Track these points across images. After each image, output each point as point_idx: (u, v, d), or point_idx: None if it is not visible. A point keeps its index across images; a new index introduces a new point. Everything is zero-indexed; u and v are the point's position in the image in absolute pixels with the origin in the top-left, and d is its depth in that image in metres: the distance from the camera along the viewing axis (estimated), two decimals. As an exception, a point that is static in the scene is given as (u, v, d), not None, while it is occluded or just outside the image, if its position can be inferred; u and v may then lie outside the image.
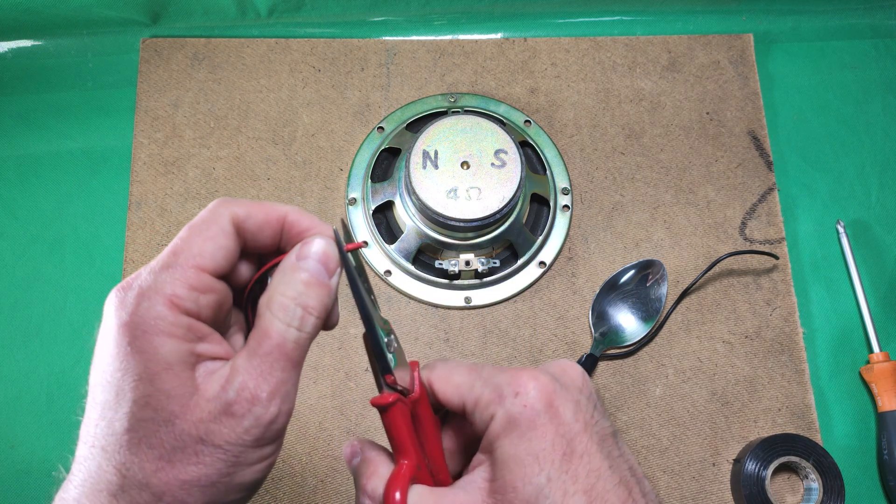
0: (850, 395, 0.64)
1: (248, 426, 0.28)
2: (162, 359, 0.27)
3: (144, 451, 0.27)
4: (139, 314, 0.27)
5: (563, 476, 0.29)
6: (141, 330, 0.27)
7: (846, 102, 0.73)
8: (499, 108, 0.69)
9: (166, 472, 0.27)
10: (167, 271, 0.29)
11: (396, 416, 0.31)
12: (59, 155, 0.67)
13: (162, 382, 0.27)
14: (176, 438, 0.27)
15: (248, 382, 0.28)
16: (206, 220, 0.30)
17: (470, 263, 0.62)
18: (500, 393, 0.30)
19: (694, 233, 0.66)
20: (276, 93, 0.69)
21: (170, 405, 0.27)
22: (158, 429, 0.27)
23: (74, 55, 0.70)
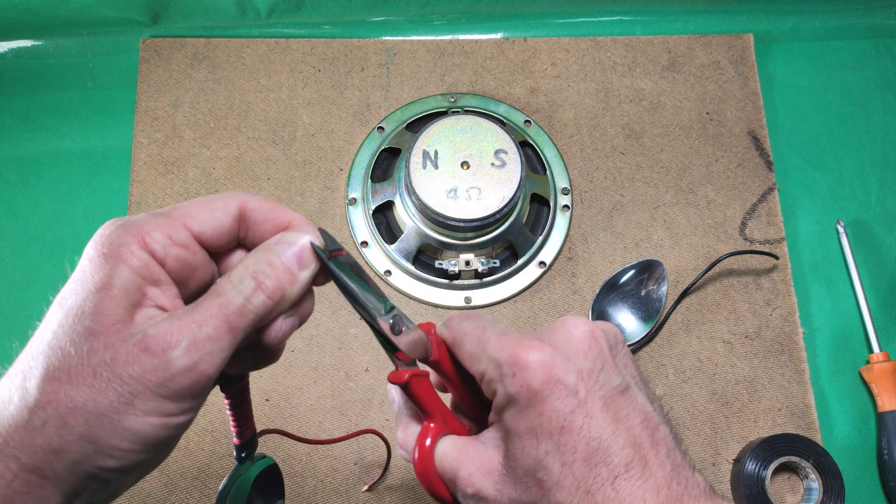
0: (850, 395, 0.64)
1: (154, 365, 0.27)
2: (109, 279, 0.28)
3: (54, 359, 0.27)
4: (110, 238, 0.29)
5: (561, 448, 0.30)
6: (105, 251, 0.28)
7: (846, 102, 0.73)
8: (499, 108, 0.69)
9: (61, 384, 0.26)
10: (154, 216, 0.30)
11: (413, 388, 0.34)
12: (59, 155, 0.67)
13: (100, 300, 0.27)
14: (84, 354, 0.27)
15: (173, 326, 0.28)
16: (216, 196, 0.31)
17: (470, 263, 0.62)
18: (501, 371, 0.32)
19: (694, 233, 0.66)
20: (276, 93, 0.69)
21: (95, 322, 0.27)
22: (76, 340, 0.27)
23: (74, 55, 0.70)
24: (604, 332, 0.34)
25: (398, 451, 0.36)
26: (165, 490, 0.57)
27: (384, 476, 0.58)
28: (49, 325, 0.28)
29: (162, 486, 0.57)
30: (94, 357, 0.27)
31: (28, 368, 0.27)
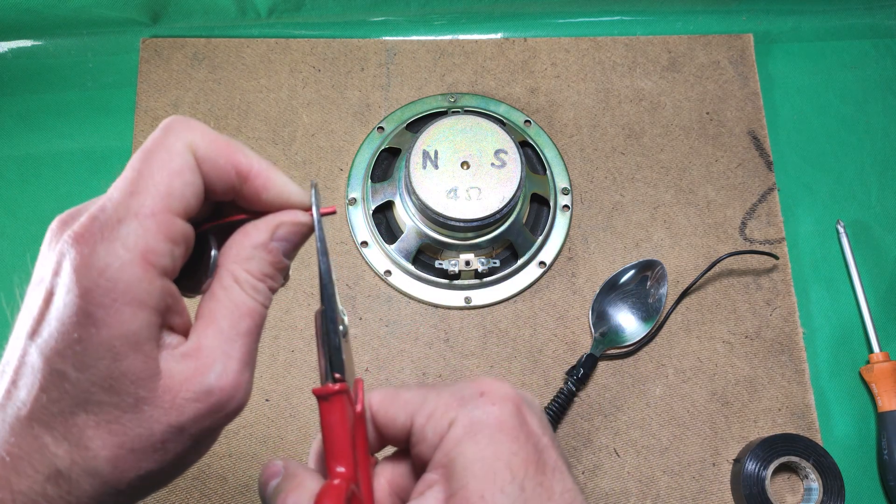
0: (850, 395, 0.64)
1: (226, 413, 0.25)
2: (131, 336, 0.23)
3: (103, 438, 0.23)
4: (108, 278, 0.23)
5: (538, 489, 0.25)
6: (109, 298, 0.23)
7: (846, 102, 0.73)
8: (499, 108, 0.69)
9: (127, 460, 0.24)
10: (135, 219, 0.23)
11: (341, 408, 0.27)
12: (59, 155, 0.67)
13: (129, 363, 0.23)
14: (142, 426, 0.24)
15: (229, 367, 0.25)
16: (164, 146, 0.25)
17: (470, 263, 0.62)
18: (461, 397, 0.27)
19: (694, 233, 0.66)
20: (276, 93, 0.69)
21: (137, 390, 0.23)
22: (122, 415, 0.23)
23: (74, 55, 0.70)
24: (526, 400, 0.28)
25: None
26: (165, 490, 0.57)
27: None
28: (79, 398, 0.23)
29: (162, 486, 0.57)
30: (159, 426, 0.24)
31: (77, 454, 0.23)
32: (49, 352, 0.23)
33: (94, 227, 0.23)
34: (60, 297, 0.23)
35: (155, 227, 0.24)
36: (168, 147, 0.25)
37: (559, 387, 0.61)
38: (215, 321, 0.25)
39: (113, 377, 0.23)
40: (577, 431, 0.60)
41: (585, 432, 0.60)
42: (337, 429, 0.27)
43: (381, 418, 0.28)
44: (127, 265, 0.23)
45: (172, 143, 0.25)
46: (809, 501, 0.58)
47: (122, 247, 0.23)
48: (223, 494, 0.57)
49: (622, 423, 0.61)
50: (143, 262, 0.23)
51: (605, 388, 0.62)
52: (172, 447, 0.24)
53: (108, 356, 0.23)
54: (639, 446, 0.60)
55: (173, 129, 0.26)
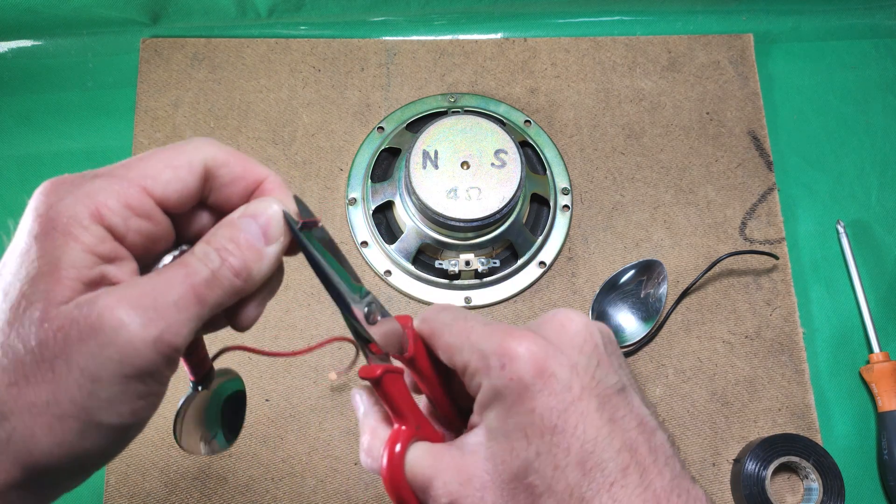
0: (850, 395, 0.64)
1: (110, 341, 0.24)
2: (57, 261, 0.24)
3: (6, 360, 0.23)
4: (57, 209, 0.24)
5: (553, 450, 0.27)
6: (52, 226, 0.24)
7: (846, 102, 0.73)
8: (499, 108, 0.69)
9: (20, 388, 0.23)
10: (107, 178, 0.25)
11: (386, 386, 0.30)
12: (59, 155, 0.67)
13: (48, 286, 0.24)
14: (35, 349, 0.23)
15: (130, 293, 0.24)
16: (178, 149, 0.27)
17: (470, 263, 0.62)
18: (487, 363, 0.28)
19: (694, 233, 0.66)
20: (276, 93, 0.69)
21: (44, 312, 0.23)
22: (25, 334, 0.23)
23: (74, 55, 0.70)
24: (599, 328, 0.30)
25: (363, 458, 0.32)
26: (165, 490, 0.57)
27: (351, 368, 0.59)
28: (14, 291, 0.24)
29: (162, 485, 0.57)
30: (47, 350, 0.23)
31: None
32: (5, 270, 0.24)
33: (69, 177, 0.25)
34: (20, 227, 0.25)
35: (120, 189, 0.25)
36: (179, 149, 0.27)
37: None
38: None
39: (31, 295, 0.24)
40: (577, 431, 0.60)
41: (585, 432, 0.60)
42: (385, 402, 0.31)
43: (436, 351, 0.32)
44: (75, 205, 0.24)
45: (187, 148, 0.27)
46: (809, 501, 0.58)
47: (83, 194, 0.25)
48: (223, 494, 0.57)
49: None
50: (91, 209, 0.25)
51: (605, 388, 0.62)
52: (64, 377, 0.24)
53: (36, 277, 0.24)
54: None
55: (197, 142, 0.28)
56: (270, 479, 0.58)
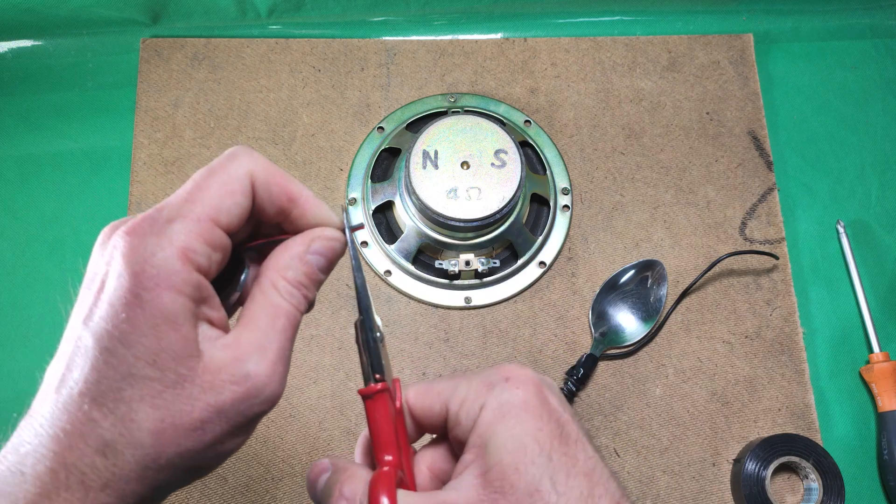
0: (850, 395, 0.64)
1: (262, 399, 0.28)
2: (171, 316, 0.26)
3: (146, 411, 0.26)
4: (153, 265, 0.26)
5: (563, 458, 0.28)
6: (153, 282, 0.26)
7: (846, 102, 0.73)
8: (499, 108, 0.69)
9: (167, 435, 0.26)
10: (182, 221, 0.27)
11: (384, 405, 0.31)
12: (59, 155, 0.67)
13: (169, 342, 0.26)
14: (183, 402, 0.26)
15: (265, 358, 0.28)
16: (227, 169, 0.29)
17: (470, 263, 0.62)
18: (489, 383, 0.30)
19: (694, 233, 0.66)
20: (276, 93, 0.69)
21: (178, 367, 0.26)
22: (165, 390, 0.26)
23: (74, 55, 0.70)
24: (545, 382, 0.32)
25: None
26: (165, 490, 0.57)
27: None
28: (124, 374, 0.26)
29: (162, 486, 0.57)
30: (199, 404, 0.26)
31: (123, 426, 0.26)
32: (100, 332, 0.26)
33: (145, 223, 0.27)
34: (111, 282, 0.26)
35: (198, 230, 0.27)
36: (229, 170, 0.29)
37: (559, 387, 0.61)
38: (254, 319, 0.29)
39: (156, 353, 0.26)
40: (577, 431, 0.60)
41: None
42: (382, 422, 0.30)
43: (419, 409, 0.32)
44: (169, 256, 0.26)
45: (234, 168, 0.29)
46: (809, 501, 0.58)
47: (167, 241, 0.26)
48: (223, 494, 0.57)
49: (622, 423, 0.61)
50: (182, 256, 0.26)
51: (605, 388, 0.62)
52: (210, 428, 0.27)
53: (152, 333, 0.26)
54: (639, 446, 0.60)
55: (238, 156, 0.29)
56: (270, 479, 0.58)
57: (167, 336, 0.26)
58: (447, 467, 0.32)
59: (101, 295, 0.26)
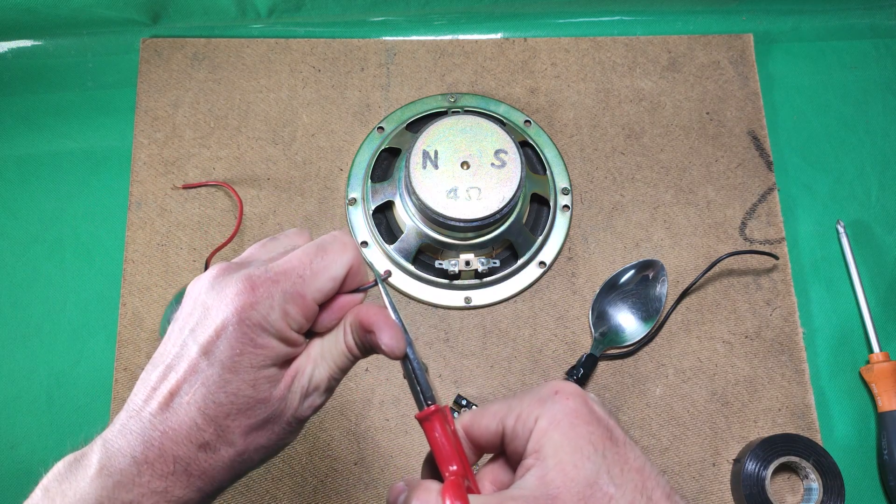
0: (850, 395, 0.64)
1: (309, 406, 0.36)
2: (274, 356, 0.34)
3: (240, 420, 0.34)
4: (267, 320, 0.34)
5: (615, 456, 0.31)
6: (262, 328, 0.34)
7: (846, 102, 0.73)
8: (499, 108, 0.69)
9: (253, 437, 0.35)
10: (292, 297, 0.34)
11: (441, 423, 0.34)
12: (59, 155, 0.67)
13: (267, 372, 0.34)
14: (268, 414, 0.35)
15: (322, 375, 0.36)
16: (337, 257, 0.36)
17: (470, 263, 0.62)
18: (540, 398, 0.33)
19: (694, 233, 0.66)
20: (276, 93, 0.69)
21: (270, 390, 0.34)
22: (256, 405, 0.34)
23: (74, 55, 0.70)
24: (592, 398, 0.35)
25: None
26: (165, 490, 0.57)
27: None
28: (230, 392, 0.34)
29: (162, 486, 0.57)
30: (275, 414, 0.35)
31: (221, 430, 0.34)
32: (218, 363, 0.33)
33: (267, 286, 0.34)
34: (234, 328, 0.33)
35: (300, 306, 0.35)
36: (338, 260, 0.36)
37: (559, 387, 0.61)
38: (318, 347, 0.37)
39: (255, 380, 0.34)
40: (577, 431, 0.60)
41: (585, 432, 0.60)
42: (441, 439, 0.34)
43: (476, 430, 0.35)
44: (276, 316, 0.34)
45: (342, 259, 0.36)
46: (809, 501, 0.58)
47: (277, 306, 0.34)
48: (223, 494, 0.57)
49: (622, 423, 0.61)
50: (284, 319, 0.34)
51: (605, 388, 0.62)
52: (278, 429, 0.35)
53: (258, 365, 0.34)
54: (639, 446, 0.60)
55: (347, 248, 0.36)
56: (270, 479, 0.58)
57: (266, 369, 0.34)
58: (508, 479, 0.35)
59: (223, 334, 0.33)
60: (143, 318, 0.62)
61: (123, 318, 0.62)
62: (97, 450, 0.33)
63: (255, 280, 0.34)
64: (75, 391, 0.61)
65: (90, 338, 0.62)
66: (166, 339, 0.35)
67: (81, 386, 0.61)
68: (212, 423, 0.33)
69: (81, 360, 0.61)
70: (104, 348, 0.62)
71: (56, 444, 0.58)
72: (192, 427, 0.33)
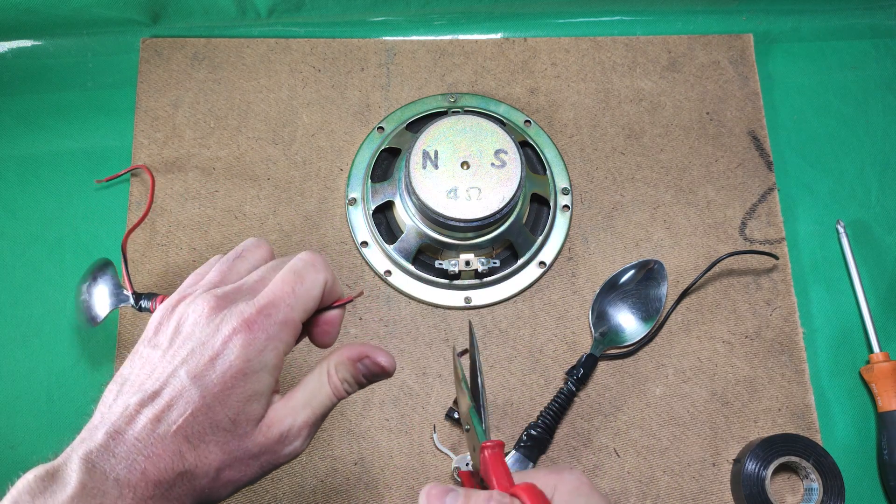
0: (850, 395, 0.64)
1: (285, 453, 0.37)
2: (264, 390, 0.36)
3: (216, 452, 0.35)
4: (262, 359, 0.36)
5: None
6: (259, 367, 0.36)
7: (846, 102, 0.73)
8: (499, 108, 0.69)
9: (228, 472, 0.36)
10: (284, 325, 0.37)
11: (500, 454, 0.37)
12: (59, 155, 0.67)
13: (254, 407, 0.36)
14: (241, 449, 0.36)
15: (296, 423, 0.37)
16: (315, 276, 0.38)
17: (470, 263, 0.62)
18: (556, 472, 0.36)
19: (694, 233, 0.66)
20: (276, 93, 0.69)
21: (247, 427, 0.36)
22: (233, 440, 0.35)
23: (74, 55, 0.70)
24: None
25: None
26: (165, 490, 0.57)
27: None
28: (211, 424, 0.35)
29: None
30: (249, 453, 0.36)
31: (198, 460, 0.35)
32: (207, 391, 0.35)
33: (262, 320, 0.36)
34: (228, 359, 0.35)
35: (291, 330, 0.37)
36: (315, 282, 0.38)
37: (559, 387, 0.61)
38: (303, 389, 0.38)
39: (238, 414, 0.35)
40: (577, 431, 0.60)
41: (585, 432, 0.60)
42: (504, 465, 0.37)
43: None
44: (271, 350, 0.36)
45: (317, 279, 0.38)
46: (810, 501, 0.58)
47: (275, 343, 0.36)
48: (223, 494, 0.57)
49: (622, 423, 0.61)
50: (277, 349, 0.36)
51: (605, 388, 0.62)
52: (249, 469, 0.36)
53: (243, 401, 0.35)
54: (639, 446, 0.60)
55: (318, 268, 0.39)
56: (270, 478, 0.58)
57: (255, 403, 0.36)
58: None
59: (216, 364, 0.35)
60: (143, 318, 0.62)
61: (123, 318, 0.62)
62: (76, 467, 0.33)
63: (250, 319, 0.36)
64: (75, 391, 0.61)
65: (90, 338, 0.62)
66: (143, 363, 0.37)
67: (81, 386, 0.61)
68: (194, 452, 0.35)
69: (81, 360, 0.62)
70: (104, 348, 0.62)
71: (56, 445, 0.58)
72: (176, 454, 0.34)
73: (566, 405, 0.60)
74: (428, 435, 0.60)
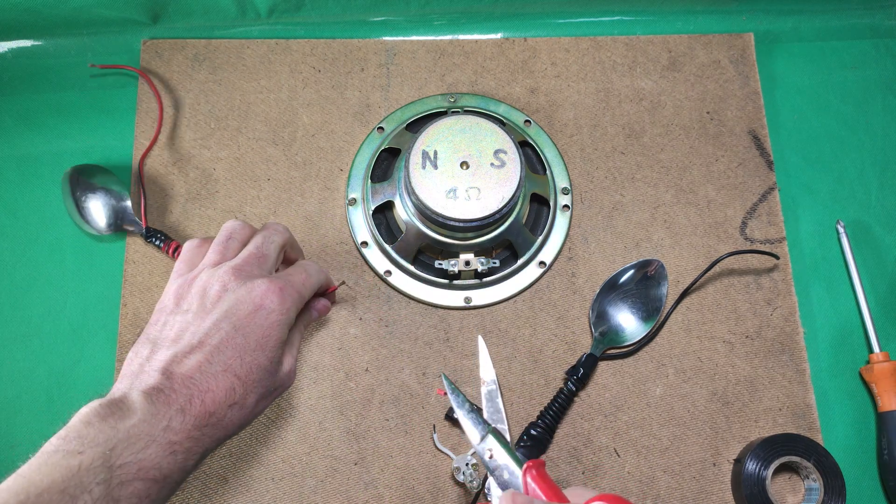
0: (851, 395, 0.64)
1: (289, 385, 0.50)
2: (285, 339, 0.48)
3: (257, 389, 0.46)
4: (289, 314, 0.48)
5: None
6: (287, 319, 0.48)
7: (846, 102, 0.73)
8: (499, 108, 0.69)
9: (260, 403, 0.46)
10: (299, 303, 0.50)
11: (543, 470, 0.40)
12: (59, 155, 0.67)
13: (280, 352, 0.48)
14: (273, 385, 0.47)
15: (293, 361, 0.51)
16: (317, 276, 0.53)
17: (470, 263, 0.62)
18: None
19: (694, 233, 0.66)
20: (276, 93, 0.69)
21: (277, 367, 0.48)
22: (267, 377, 0.46)
23: (74, 55, 0.70)
24: None
25: None
26: (165, 490, 0.57)
27: None
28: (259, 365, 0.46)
29: (162, 486, 0.57)
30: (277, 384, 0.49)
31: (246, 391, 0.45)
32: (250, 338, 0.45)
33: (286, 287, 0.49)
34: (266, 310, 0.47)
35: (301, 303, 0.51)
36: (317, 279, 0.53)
37: (559, 387, 0.61)
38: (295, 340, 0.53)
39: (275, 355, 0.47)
40: (577, 431, 0.60)
41: (585, 432, 0.60)
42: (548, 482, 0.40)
43: None
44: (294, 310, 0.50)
45: (318, 278, 0.53)
46: (811, 501, 0.58)
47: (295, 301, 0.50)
48: (223, 494, 0.57)
49: (622, 423, 0.61)
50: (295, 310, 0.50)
51: (605, 388, 0.62)
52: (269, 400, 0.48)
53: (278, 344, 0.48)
54: (639, 446, 0.60)
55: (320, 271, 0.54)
56: (270, 479, 0.58)
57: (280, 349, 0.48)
58: None
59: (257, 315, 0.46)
60: (144, 318, 0.62)
61: (124, 318, 0.62)
62: (139, 398, 0.39)
63: (281, 286, 0.47)
64: (75, 391, 0.61)
65: (90, 338, 0.62)
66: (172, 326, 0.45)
67: (81, 386, 0.61)
68: (242, 387, 0.43)
69: (81, 360, 0.61)
70: (104, 348, 0.62)
71: (56, 445, 0.58)
72: (230, 389, 0.43)
73: (566, 405, 0.60)
74: (428, 435, 0.60)
